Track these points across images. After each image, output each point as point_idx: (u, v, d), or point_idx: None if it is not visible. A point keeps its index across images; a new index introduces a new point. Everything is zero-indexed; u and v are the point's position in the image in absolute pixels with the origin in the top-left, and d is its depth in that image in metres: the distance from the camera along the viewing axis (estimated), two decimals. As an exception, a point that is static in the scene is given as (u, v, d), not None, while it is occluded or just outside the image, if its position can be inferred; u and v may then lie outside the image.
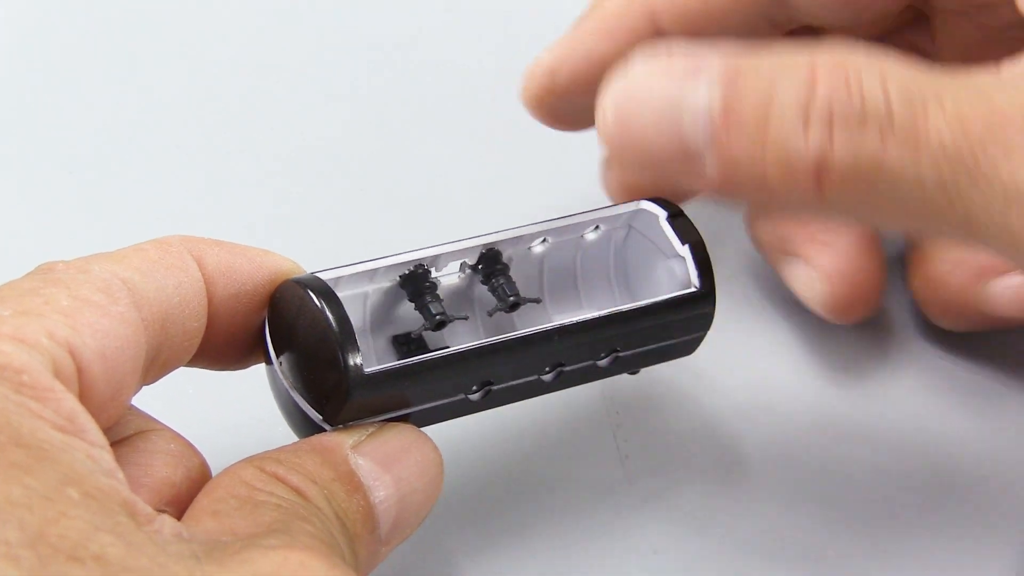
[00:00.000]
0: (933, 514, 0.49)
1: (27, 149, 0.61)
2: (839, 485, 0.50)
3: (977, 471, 0.50)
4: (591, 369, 0.45)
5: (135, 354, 0.38)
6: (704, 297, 0.45)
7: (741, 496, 0.49)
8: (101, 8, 0.66)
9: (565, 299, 0.48)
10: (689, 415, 0.51)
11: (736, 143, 0.37)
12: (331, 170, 0.60)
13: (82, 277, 0.38)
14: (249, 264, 0.42)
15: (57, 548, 0.32)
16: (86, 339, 0.36)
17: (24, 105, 0.62)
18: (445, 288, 0.46)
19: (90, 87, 0.63)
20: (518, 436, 0.50)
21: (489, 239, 0.45)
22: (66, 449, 0.34)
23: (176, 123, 0.62)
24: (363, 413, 0.41)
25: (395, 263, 0.44)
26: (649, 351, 0.46)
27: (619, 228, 0.48)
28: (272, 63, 0.64)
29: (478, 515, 0.48)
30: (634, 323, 0.45)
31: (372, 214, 0.58)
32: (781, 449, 0.50)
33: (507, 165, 0.60)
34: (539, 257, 0.48)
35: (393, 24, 0.66)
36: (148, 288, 0.39)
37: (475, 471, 0.49)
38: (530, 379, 0.44)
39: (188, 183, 0.59)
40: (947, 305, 0.50)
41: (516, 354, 0.43)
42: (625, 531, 0.48)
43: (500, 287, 0.45)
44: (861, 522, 0.49)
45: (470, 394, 0.43)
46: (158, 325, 0.39)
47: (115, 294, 0.38)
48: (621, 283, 0.48)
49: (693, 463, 0.50)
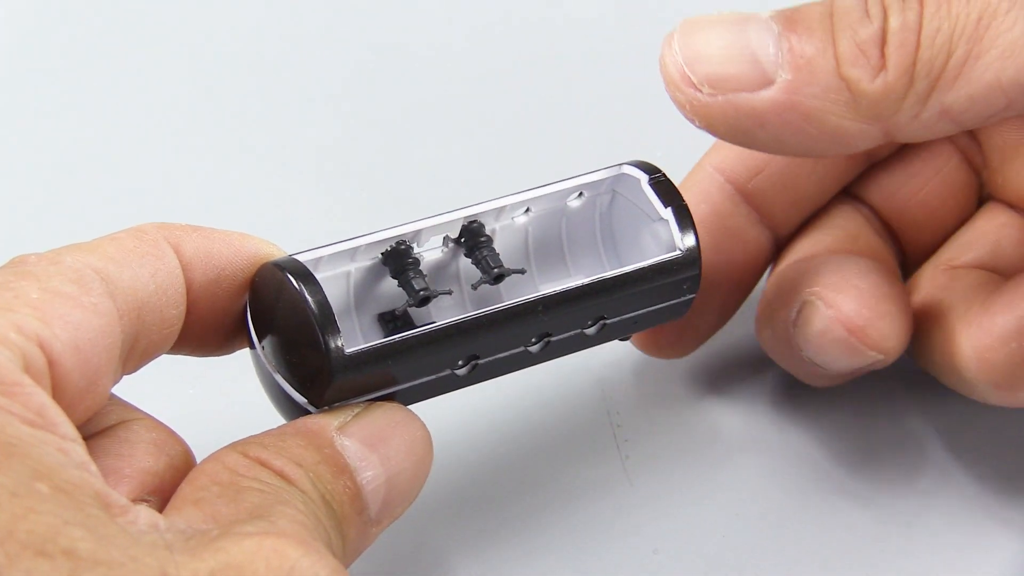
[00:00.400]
0: (935, 514, 0.49)
1: (25, 146, 0.61)
2: (840, 485, 0.50)
3: (978, 471, 0.50)
4: (579, 338, 0.45)
5: (110, 344, 0.38)
6: (688, 260, 0.45)
7: (741, 496, 0.49)
8: (101, 8, 0.66)
9: (553, 269, 0.48)
10: (689, 415, 0.51)
11: (807, 42, 0.42)
12: (314, 156, 0.60)
13: (53, 269, 0.37)
14: (227, 248, 0.41)
15: (25, 544, 0.32)
16: (57, 331, 0.36)
17: (21, 104, 0.62)
18: (429, 263, 0.45)
19: (90, 87, 0.63)
20: (518, 436, 0.50)
21: (470, 211, 0.45)
22: (36, 444, 0.34)
23: (166, 117, 0.62)
24: (348, 394, 0.41)
25: (376, 240, 0.43)
26: (637, 316, 0.45)
27: (603, 194, 0.47)
28: (251, 52, 0.64)
29: (478, 515, 0.48)
30: (619, 290, 0.44)
31: (353, 196, 0.58)
32: (781, 449, 0.50)
33: (489, 143, 0.60)
34: (523, 227, 0.47)
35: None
36: (122, 277, 0.39)
37: (475, 471, 0.49)
38: (517, 351, 0.44)
39: (176, 174, 0.59)
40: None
41: (500, 326, 0.43)
42: (625, 531, 0.48)
43: (484, 259, 0.45)
44: (861, 522, 0.49)
45: (457, 369, 0.43)
46: (134, 314, 0.39)
47: (87, 284, 0.38)
48: (609, 250, 0.48)
49: (693, 463, 0.50)
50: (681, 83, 0.44)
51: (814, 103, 0.43)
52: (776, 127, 0.43)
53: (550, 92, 0.63)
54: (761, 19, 0.44)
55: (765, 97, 0.43)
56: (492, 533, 0.48)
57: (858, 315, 0.45)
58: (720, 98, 0.43)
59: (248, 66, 0.64)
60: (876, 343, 0.45)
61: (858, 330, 0.45)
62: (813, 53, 0.43)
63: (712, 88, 0.43)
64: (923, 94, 0.42)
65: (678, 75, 0.44)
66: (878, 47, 0.42)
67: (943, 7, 0.42)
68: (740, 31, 0.44)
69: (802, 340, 0.46)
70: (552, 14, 0.66)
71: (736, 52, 0.43)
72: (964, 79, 0.42)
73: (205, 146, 0.61)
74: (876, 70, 0.42)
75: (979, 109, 0.42)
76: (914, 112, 0.43)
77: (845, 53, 0.43)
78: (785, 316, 0.46)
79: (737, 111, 0.43)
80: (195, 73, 0.64)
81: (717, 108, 0.43)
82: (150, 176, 0.60)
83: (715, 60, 0.44)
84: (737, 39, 0.44)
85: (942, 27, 0.42)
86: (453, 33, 0.65)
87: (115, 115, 0.62)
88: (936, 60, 0.42)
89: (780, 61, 0.43)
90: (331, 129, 0.61)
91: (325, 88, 0.63)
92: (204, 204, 0.58)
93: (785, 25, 0.43)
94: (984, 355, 0.44)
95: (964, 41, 0.42)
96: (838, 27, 0.43)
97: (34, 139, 0.61)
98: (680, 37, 0.44)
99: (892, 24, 0.42)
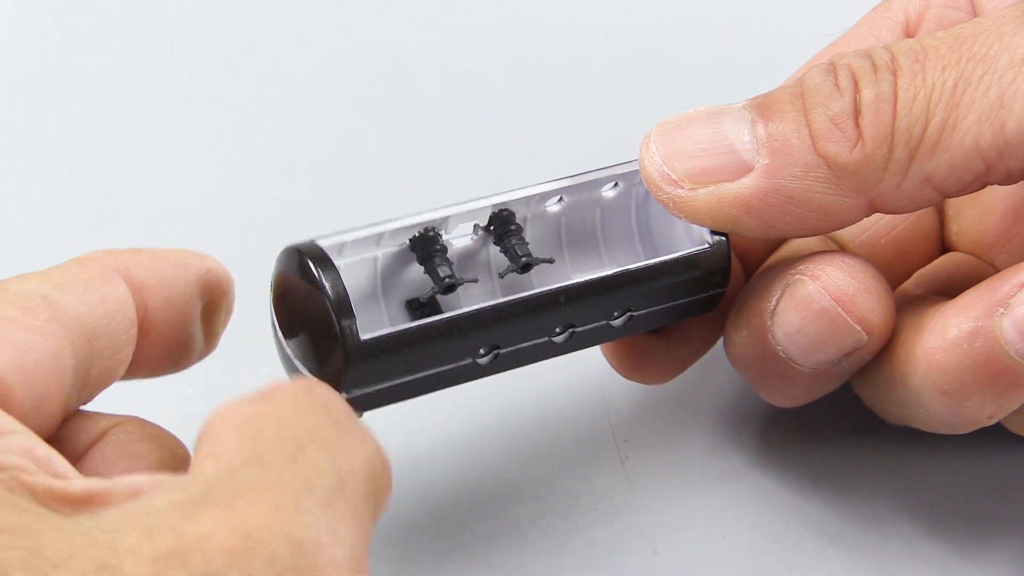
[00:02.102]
0: (935, 513, 0.49)
1: (25, 148, 0.61)
2: (840, 485, 0.50)
3: (979, 470, 0.50)
4: (606, 329, 0.45)
5: (59, 367, 0.37)
6: (717, 254, 0.45)
7: (741, 496, 0.49)
8: (100, 9, 0.66)
9: (587, 258, 0.48)
10: (689, 415, 0.51)
11: (780, 124, 0.43)
12: (337, 146, 0.60)
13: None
14: (174, 267, 0.41)
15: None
16: (0, 352, 0.36)
17: (19, 105, 0.62)
18: (457, 251, 0.45)
19: (91, 88, 0.63)
20: (518, 436, 0.50)
21: (499, 199, 0.45)
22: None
23: (168, 121, 0.62)
24: (368, 380, 0.41)
25: (402, 226, 0.43)
26: (665, 309, 0.45)
27: (639, 184, 0.47)
28: (261, 51, 0.64)
29: (478, 515, 0.48)
30: (644, 282, 0.44)
31: (377, 185, 0.58)
32: (781, 449, 0.50)
33: (520, 134, 0.60)
34: (556, 216, 0.47)
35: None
36: (69, 303, 0.38)
37: (475, 471, 0.49)
38: (541, 341, 0.44)
39: (175, 180, 0.60)
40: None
41: (522, 315, 0.43)
42: (625, 531, 0.48)
43: (512, 247, 0.45)
44: (862, 521, 0.49)
45: (478, 358, 0.43)
46: (84, 339, 0.38)
47: (33, 309, 0.37)
48: (646, 240, 0.48)
49: (693, 463, 0.50)
50: (662, 182, 0.44)
51: (795, 184, 0.43)
52: (761, 212, 0.44)
53: (569, 84, 0.63)
54: (734, 109, 0.44)
55: (746, 184, 0.43)
56: (490, 532, 0.48)
57: (846, 284, 0.44)
58: (702, 191, 0.44)
59: (277, 54, 0.64)
60: (862, 315, 0.44)
61: (846, 299, 0.44)
62: (788, 134, 0.43)
63: (693, 183, 0.44)
64: (903, 163, 0.43)
65: (658, 175, 0.44)
66: (852, 119, 0.43)
67: (918, 76, 0.42)
68: (715, 124, 0.44)
69: (781, 324, 0.45)
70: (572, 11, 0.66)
71: (713, 145, 0.44)
72: (943, 146, 0.42)
73: (218, 150, 0.61)
74: (853, 142, 0.43)
75: (960, 175, 0.42)
76: (896, 182, 0.43)
77: (819, 129, 0.43)
78: (763, 308, 0.45)
79: (720, 201, 0.44)
80: (221, 67, 0.64)
81: (700, 201, 0.44)
82: (150, 180, 0.60)
83: (693, 155, 0.44)
84: (713, 132, 0.44)
85: (918, 96, 0.42)
86: (479, 27, 0.65)
87: (114, 116, 0.62)
88: (914, 128, 0.42)
89: (756, 147, 0.43)
90: (354, 123, 0.61)
91: (349, 83, 0.63)
92: (217, 211, 0.58)
93: (758, 111, 0.44)
94: (934, 357, 0.43)
95: (941, 108, 0.42)
96: (809, 105, 0.43)
97: (32, 141, 0.61)
98: (657, 138, 0.45)
99: (865, 96, 0.43)
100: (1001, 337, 0.42)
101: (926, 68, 0.43)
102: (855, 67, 0.43)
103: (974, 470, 0.49)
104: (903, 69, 0.43)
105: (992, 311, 0.42)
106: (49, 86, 0.63)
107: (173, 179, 0.60)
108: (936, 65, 0.43)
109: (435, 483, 0.49)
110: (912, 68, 0.43)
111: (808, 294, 0.44)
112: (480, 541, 0.48)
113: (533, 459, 0.50)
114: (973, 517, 0.48)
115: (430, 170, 0.60)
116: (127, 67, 0.64)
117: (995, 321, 0.42)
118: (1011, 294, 0.42)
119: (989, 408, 0.44)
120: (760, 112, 0.44)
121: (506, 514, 0.48)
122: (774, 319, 0.45)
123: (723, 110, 0.45)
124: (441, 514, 0.48)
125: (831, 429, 0.51)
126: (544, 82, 0.63)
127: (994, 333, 0.42)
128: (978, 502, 0.49)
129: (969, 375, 0.43)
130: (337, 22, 0.66)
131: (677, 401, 0.51)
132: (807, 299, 0.44)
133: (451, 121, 0.62)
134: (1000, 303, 0.42)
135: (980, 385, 0.43)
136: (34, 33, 0.65)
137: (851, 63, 0.43)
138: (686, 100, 0.46)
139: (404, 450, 0.49)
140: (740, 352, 0.47)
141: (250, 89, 0.63)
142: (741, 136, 0.44)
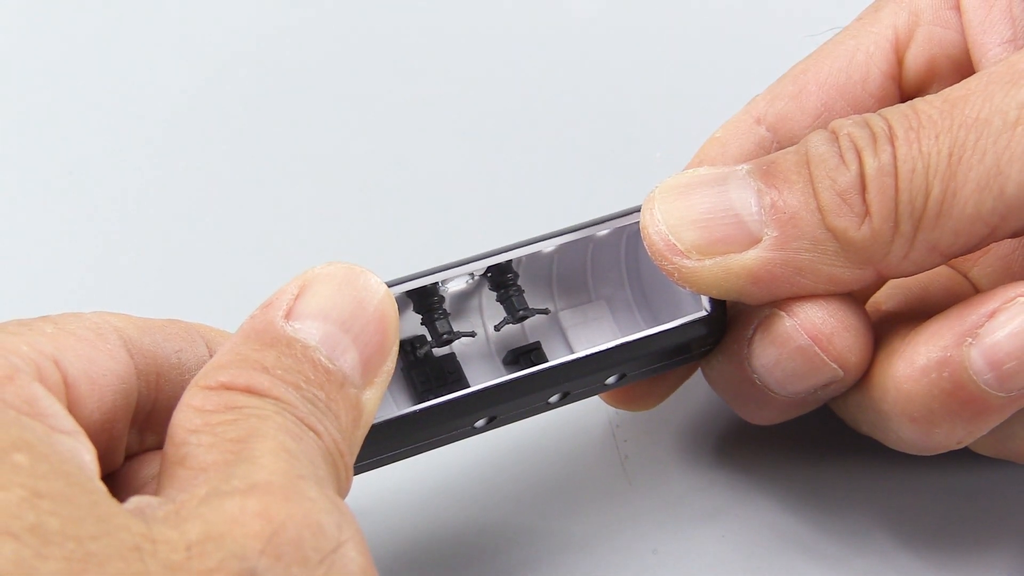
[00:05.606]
0: (935, 513, 0.49)
1: (27, 150, 0.61)
2: (839, 484, 0.50)
3: (955, 486, 0.50)
4: (599, 388, 0.45)
5: (125, 389, 0.38)
6: (715, 319, 0.45)
7: (741, 496, 0.49)
8: (99, 9, 0.66)
9: (575, 294, 0.48)
10: (689, 415, 0.51)
11: (788, 195, 0.43)
12: (338, 180, 0.60)
13: (71, 317, 0.38)
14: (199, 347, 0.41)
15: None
16: (70, 358, 0.36)
17: (21, 106, 0.63)
18: (453, 295, 0.46)
19: (91, 88, 0.63)
20: (518, 436, 0.50)
21: (498, 259, 0.44)
22: (15, 424, 0.33)
23: (167, 127, 0.62)
24: (366, 456, 0.41)
25: (401, 287, 0.43)
26: (658, 367, 0.46)
27: (631, 222, 0.47)
28: (281, 68, 0.64)
29: (477, 514, 0.48)
30: (644, 351, 0.44)
31: (380, 222, 0.58)
32: (781, 449, 0.50)
33: (517, 170, 0.60)
34: (549, 256, 0.47)
35: (399, 27, 0.66)
36: (144, 341, 0.39)
37: (474, 470, 0.49)
38: (537, 406, 0.44)
39: (189, 189, 0.60)
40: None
41: (523, 394, 0.43)
42: (625, 531, 0.48)
43: (509, 299, 0.45)
44: (862, 521, 0.49)
45: (475, 425, 0.43)
46: (153, 377, 0.39)
47: (104, 334, 0.38)
48: (632, 275, 0.48)
49: (693, 463, 0.50)
50: (668, 252, 0.44)
51: (804, 256, 0.43)
52: (768, 282, 0.43)
53: (559, 98, 0.63)
54: (739, 175, 0.44)
55: (754, 256, 0.43)
56: (490, 532, 0.48)
57: (824, 323, 0.44)
58: (709, 262, 0.43)
59: (278, 59, 0.64)
60: (839, 354, 0.44)
61: (823, 338, 0.44)
62: (796, 206, 0.43)
63: (700, 254, 0.43)
64: (909, 235, 0.42)
65: (663, 245, 0.44)
66: (859, 193, 0.42)
67: (913, 146, 0.42)
68: (720, 192, 0.44)
69: (757, 355, 0.45)
70: (559, 19, 0.66)
71: (719, 214, 0.43)
72: (946, 215, 0.42)
73: (227, 168, 0.61)
74: (861, 217, 0.42)
75: (965, 241, 0.42)
76: (903, 252, 0.43)
77: (828, 204, 0.43)
78: (740, 335, 0.45)
79: (727, 273, 0.43)
80: (233, 96, 0.64)
81: (707, 273, 0.43)
82: (150, 180, 0.60)
83: (699, 225, 0.44)
84: (719, 200, 0.43)
85: (916, 167, 0.42)
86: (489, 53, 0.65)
87: (114, 116, 0.62)
88: (916, 200, 0.42)
89: (764, 219, 0.43)
90: (356, 152, 0.61)
91: (353, 110, 0.63)
92: (231, 227, 0.58)
93: (764, 179, 0.43)
94: (903, 385, 0.43)
95: (939, 179, 0.42)
96: (816, 176, 0.43)
97: (34, 143, 0.61)
98: (660, 204, 0.44)
99: (868, 168, 0.42)
100: (969, 367, 0.42)
101: (920, 136, 0.42)
102: (855, 137, 0.43)
103: (950, 485, 0.49)
104: (899, 138, 0.42)
105: (961, 340, 0.42)
106: (49, 85, 0.63)
107: (166, 187, 0.60)
108: (930, 133, 0.42)
109: (433, 483, 0.49)
110: (907, 136, 0.42)
111: (785, 331, 0.44)
112: (479, 540, 0.48)
113: (533, 459, 0.50)
114: (949, 531, 0.48)
115: (433, 180, 0.60)
116: (127, 67, 0.64)
117: (963, 351, 0.42)
118: (980, 323, 0.42)
119: (958, 434, 0.44)
120: (766, 180, 0.43)
121: (505, 514, 0.48)
122: (751, 348, 0.45)
123: (727, 175, 0.44)
124: (438, 514, 0.48)
125: (831, 430, 0.51)
126: (545, 96, 0.63)
127: (962, 363, 0.42)
128: (954, 517, 0.49)
129: (937, 403, 0.43)
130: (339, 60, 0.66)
131: (677, 401, 0.51)
132: (784, 336, 0.44)
133: (453, 131, 0.62)
134: (969, 332, 0.42)
135: (948, 413, 0.43)
136: (34, 33, 0.66)
137: (851, 133, 0.43)
138: (682, 107, 0.46)
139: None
140: (717, 376, 0.47)
141: (250, 98, 0.63)
142: (748, 205, 0.43)
